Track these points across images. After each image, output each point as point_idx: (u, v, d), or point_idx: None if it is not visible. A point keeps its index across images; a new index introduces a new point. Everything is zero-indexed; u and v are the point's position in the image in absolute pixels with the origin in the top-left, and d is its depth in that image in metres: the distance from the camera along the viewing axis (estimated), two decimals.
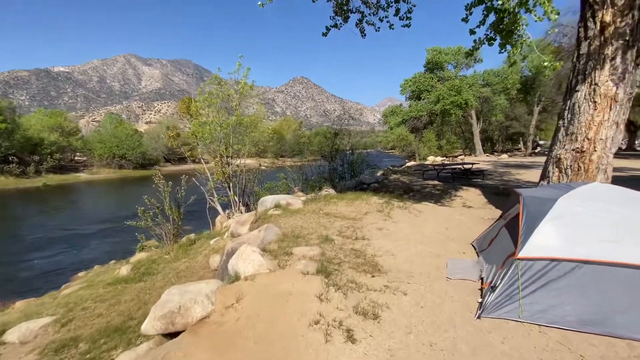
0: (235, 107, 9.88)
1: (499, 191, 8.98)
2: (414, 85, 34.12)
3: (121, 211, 16.06)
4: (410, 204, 7.40)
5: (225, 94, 9.96)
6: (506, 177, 12.82)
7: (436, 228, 5.42)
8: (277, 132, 73.97)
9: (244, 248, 3.37)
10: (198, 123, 9.92)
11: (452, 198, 8.79)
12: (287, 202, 7.51)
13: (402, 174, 14.92)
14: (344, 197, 8.11)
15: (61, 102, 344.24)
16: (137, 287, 4.65)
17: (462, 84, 29.76)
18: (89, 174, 40.86)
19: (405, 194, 9.91)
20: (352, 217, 6.04)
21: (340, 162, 16.92)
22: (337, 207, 7.04)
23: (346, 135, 17.41)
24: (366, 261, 3.76)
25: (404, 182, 12.08)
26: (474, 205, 7.81)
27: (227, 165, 10.25)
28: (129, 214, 13.67)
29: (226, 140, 10.22)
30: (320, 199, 8.07)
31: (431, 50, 32.99)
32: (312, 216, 6.12)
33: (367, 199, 7.77)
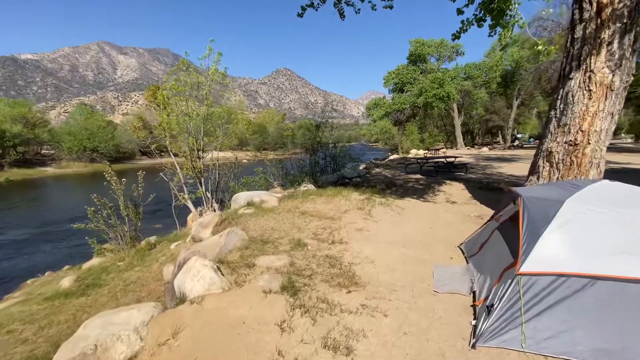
0: (205, 96, 9.07)
1: (483, 185, 8.69)
2: (397, 77, 33.84)
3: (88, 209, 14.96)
4: (393, 200, 6.95)
5: (194, 81, 9.13)
6: (488, 170, 12.66)
7: (420, 227, 4.98)
8: (259, 124, 72.51)
9: (193, 262, 2.76)
10: (166, 113, 9.07)
11: (435, 193, 8.42)
12: (261, 199, 6.90)
13: (384, 167, 14.54)
14: (323, 193, 7.57)
15: (30, 91, 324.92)
16: (77, 303, 3.96)
17: (444, 77, 29.69)
18: (57, 169, 38.44)
19: (388, 189, 9.49)
20: (330, 216, 5.51)
21: (323, 156, 16.39)
22: (316, 204, 6.49)
23: (329, 127, 16.84)
24: (342, 271, 3.24)
25: (386, 176, 11.68)
26: (458, 201, 7.46)
27: (197, 159, 9.46)
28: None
29: (196, 132, 9.42)
30: (298, 196, 7.50)
31: (414, 42, 32.71)
32: (287, 216, 5.55)
33: (347, 195, 7.26)
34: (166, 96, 9.18)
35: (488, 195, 7.80)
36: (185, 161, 9.33)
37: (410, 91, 32.21)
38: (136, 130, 9.35)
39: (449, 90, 28.96)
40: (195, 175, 9.28)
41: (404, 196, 8.16)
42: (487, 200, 7.21)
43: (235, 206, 8.03)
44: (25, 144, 36.61)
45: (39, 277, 6.59)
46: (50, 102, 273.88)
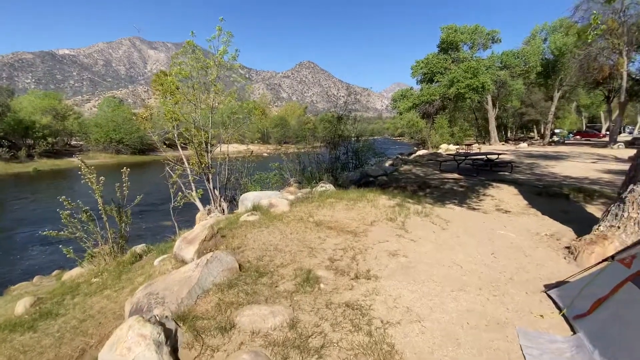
0: (212, 82, 8.02)
1: (541, 190, 7.09)
2: (426, 67, 31.60)
3: (105, 200, 14.57)
4: (431, 208, 5.60)
5: (201, 66, 8.11)
6: (537, 169, 10.88)
7: (477, 253, 3.64)
8: (281, 117, 71.87)
9: (125, 330, 1.65)
10: (174, 101, 8.14)
11: (480, 198, 6.95)
12: (270, 202, 5.77)
13: (414, 164, 13.05)
14: (344, 195, 6.33)
15: (67, 85, 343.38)
16: (18, 342, 3.02)
17: (479, 66, 27.25)
18: (84, 159, 39.52)
19: (421, 191, 8.10)
20: (353, 230, 4.28)
21: (344, 150, 15.08)
22: (334, 211, 5.27)
23: (351, 120, 15.49)
24: (372, 341, 2.02)
25: (417, 175, 10.24)
26: (512, 210, 5.98)
27: (205, 152, 8.49)
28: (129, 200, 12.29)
29: (204, 123, 8.44)
30: (314, 198, 6.31)
31: (446, 29, 30.32)
32: (297, 227, 4.38)
33: (373, 199, 5.98)
34: (172, 82, 8.21)
35: (550, 203, 6.26)
36: (191, 155, 8.39)
37: (441, 81, 29.97)
38: (142, 121, 8.42)
39: (483, 81, 26.58)
40: (201, 170, 8.32)
41: (443, 201, 6.75)
42: (550, 211, 5.70)
43: (242, 208, 6.98)
44: (55, 135, 37.76)
45: (19, 285, 5.85)
46: (85, 95, 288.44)
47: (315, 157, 12.76)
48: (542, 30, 31.44)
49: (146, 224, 10.97)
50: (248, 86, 8.97)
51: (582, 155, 15.97)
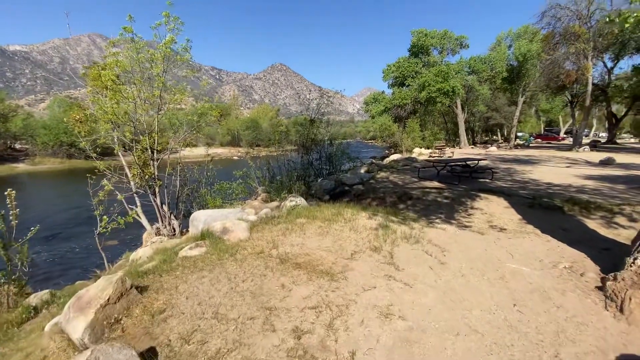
0: (157, 77, 6.68)
1: (533, 202, 6.46)
2: (397, 70, 31.59)
3: (57, 211, 12.36)
4: (420, 229, 4.69)
5: (144, 57, 6.76)
6: (516, 176, 10.49)
7: (495, 305, 2.72)
8: (252, 119, 69.79)
9: None
10: (111, 100, 6.69)
11: (469, 212, 6.19)
12: (223, 226, 4.58)
13: (390, 170, 12.29)
14: (317, 213, 5.28)
15: (18, 84, 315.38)
16: None
17: (449, 70, 27.49)
18: (29, 165, 35.47)
19: (402, 203, 7.24)
20: (328, 269, 3.23)
21: (317, 155, 14.09)
22: (305, 237, 4.21)
23: (324, 123, 14.55)
24: None
25: (395, 183, 9.43)
26: (507, 227, 5.24)
27: (151, 160, 7.11)
28: (62, 216, 10.04)
29: (149, 125, 7.07)
30: (282, 218, 5.20)
31: (417, 33, 30.44)
32: (255, 267, 3.27)
33: (352, 218, 4.99)
34: (107, 77, 6.78)
35: (546, 218, 5.60)
36: (132, 165, 6.98)
37: (412, 85, 30.02)
38: (76, 123, 6.90)
39: (454, 85, 26.84)
40: (144, 182, 6.93)
41: (428, 217, 5.90)
42: (550, 229, 5.01)
43: (192, 230, 5.71)
44: None
45: None
46: (39, 94, 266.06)
47: (287, 164, 11.63)
48: (507, 37, 32.44)
49: (78, 249, 9.22)
50: (203, 82, 7.69)
51: (552, 159, 16.10)
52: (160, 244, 5.52)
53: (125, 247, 8.94)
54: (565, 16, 21.23)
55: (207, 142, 66.76)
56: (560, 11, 21.62)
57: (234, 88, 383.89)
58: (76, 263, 8.08)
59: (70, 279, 6.10)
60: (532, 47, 27.30)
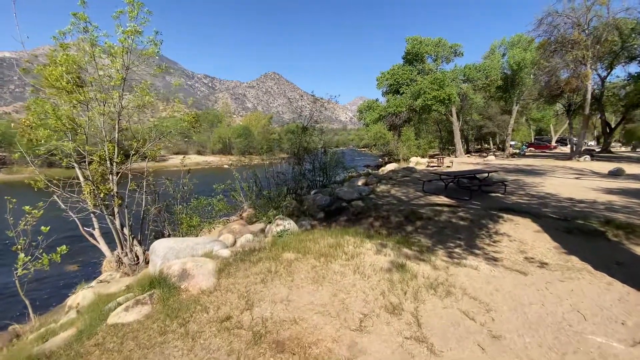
0: (118, 75, 5.50)
1: (570, 227, 5.41)
2: (392, 78, 30.96)
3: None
4: (443, 267, 3.58)
5: (101, 50, 5.60)
6: (529, 189, 9.50)
7: None
8: (244, 127, 68.51)
9: None
10: (73, 100, 5.48)
11: (494, 238, 5.10)
12: (183, 268, 3.38)
13: (390, 182, 11.22)
14: (310, 243, 4.13)
15: (6, 90, 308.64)
16: None
17: (444, 78, 26.90)
18: (6, 174, 33.56)
19: (410, 224, 6.13)
20: (327, 355, 2.08)
21: (310, 164, 12.98)
22: (293, 287, 3.04)
23: (318, 131, 13.51)
24: None
25: (399, 198, 8.32)
26: (548, 261, 4.16)
27: (110, 174, 5.87)
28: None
29: (107, 133, 5.86)
30: (264, 252, 4.02)
31: (411, 40, 29.93)
32: (212, 351, 2.10)
33: (355, 252, 3.84)
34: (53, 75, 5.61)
35: (589, 247, 4.55)
36: (85, 184, 5.72)
37: (406, 93, 29.36)
38: (25, 131, 5.65)
39: (449, 92, 26.21)
40: (98, 202, 5.69)
41: (446, 244, 4.79)
42: (603, 264, 3.96)
43: (151, 269, 4.48)
44: None
45: None
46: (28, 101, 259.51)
47: (276, 176, 10.46)
48: (501, 46, 32.17)
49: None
50: (175, 82, 6.54)
51: (556, 170, 15.28)
52: (104, 286, 4.26)
53: (84, 275, 7.59)
54: (563, 24, 20.85)
55: (198, 150, 65.16)
56: (557, 19, 21.23)
57: (227, 96, 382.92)
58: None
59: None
60: (526, 55, 26.98)
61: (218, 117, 75.93)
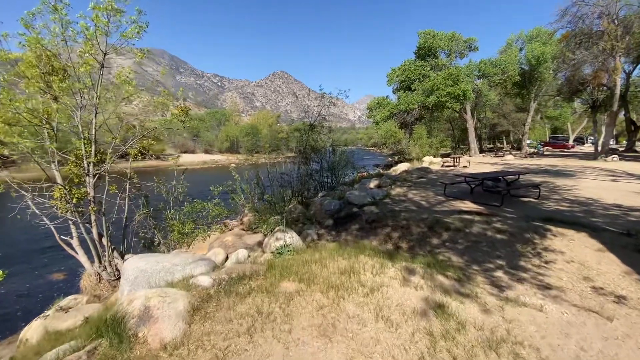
0: (88, 60, 4.66)
1: None
2: (403, 74, 29.76)
3: None
4: (496, 306, 2.64)
5: (74, 32, 4.77)
6: (565, 193, 8.39)
7: None
8: (252, 126, 68.01)
9: None
10: (32, 91, 4.69)
11: (543, 258, 4.10)
12: (146, 306, 2.50)
13: (405, 184, 10.22)
14: (315, 267, 3.22)
15: None
16: None
17: (459, 73, 25.62)
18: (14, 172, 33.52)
19: (435, 236, 5.16)
20: None
21: (318, 165, 12.06)
22: (291, 340, 2.14)
23: (326, 129, 12.58)
24: None
25: (418, 203, 7.34)
26: (629, 295, 3.17)
27: (86, 175, 5.07)
28: None
29: (83, 129, 5.05)
30: (255, 279, 3.13)
31: (424, 34, 28.68)
32: None
33: (376, 281, 2.93)
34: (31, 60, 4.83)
35: None
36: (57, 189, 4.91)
37: (418, 89, 28.16)
38: None
39: (464, 88, 24.94)
40: (70, 210, 4.88)
41: (483, 265, 3.82)
42: None
43: (119, 298, 3.62)
44: None
45: None
46: None
47: (279, 178, 9.57)
48: (518, 40, 30.69)
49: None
50: (162, 70, 5.68)
51: (585, 171, 14.01)
52: (60, 317, 3.42)
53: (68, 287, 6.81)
54: (590, 14, 19.43)
55: (206, 149, 64.83)
56: (583, 8, 19.82)
57: (236, 95, 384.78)
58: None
59: None
60: (546, 49, 25.54)
61: (226, 116, 75.70)
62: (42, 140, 4.80)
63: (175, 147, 60.36)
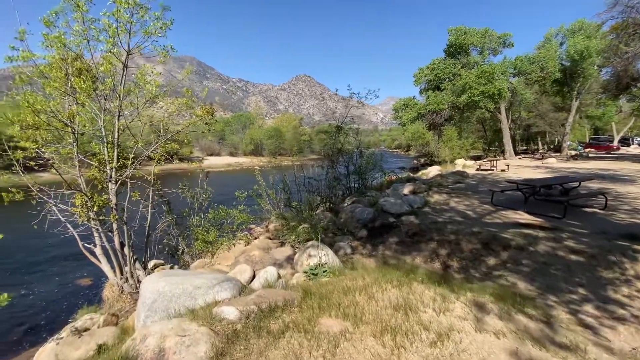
0: (108, 59, 4.36)
1: None
2: (431, 73, 28.55)
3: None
4: None
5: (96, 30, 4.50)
6: (631, 201, 7.26)
7: None
8: (275, 128, 68.54)
9: None
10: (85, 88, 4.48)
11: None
12: (159, 347, 2.04)
13: (443, 190, 9.39)
14: (362, 300, 2.65)
15: None
16: None
17: (493, 71, 24.09)
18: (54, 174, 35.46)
19: (492, 255, 4.42)
20: None
21: (345, 169, 11.46)
22: None
23: (353, 130, 12.01)
24: None
25: (464, 213, 6.55)
26: None
27: (108, 182, 4.79)
28: None
29: (107, 132, 4.78)
30: (290, 316, 2.60)
31: (454, 31, 27.40)
32: None
33: (441, 323, 2.32)
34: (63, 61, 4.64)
35: None
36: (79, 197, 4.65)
37: (448, 89, 26.87)
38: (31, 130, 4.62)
39: (500, 87, 23.41)
40: (91, 218, 4.59)
41: (563, 297, 3.07)
42: None
43: (137, 321, 3.21)
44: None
45: None
46: None
47: (307, 183, 9.07)
48: (558, 34, 28.64)
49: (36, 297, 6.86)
50: (186, 70, 5.33)
51: None
52: (72, 343, 3.05)
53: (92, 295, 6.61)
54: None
55: (231, 152, 66.03)
56: None
57: (260, 99, 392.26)
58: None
59: None
60: (590, 43, 23.56)
61: (250, 119, 76.90)
62: (65, 144, 4.57)
63: (201, 149, 61.84)
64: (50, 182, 4.74)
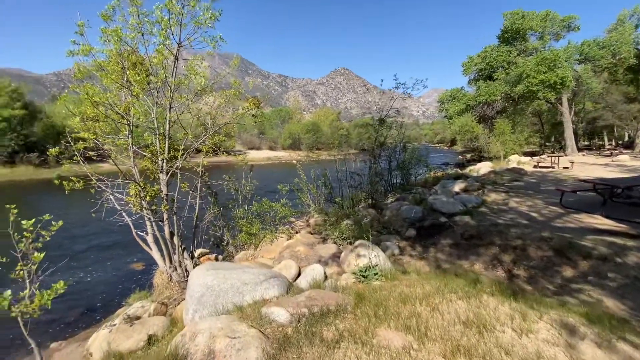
0: (159, 51, 4.41)
1: None
2: (483, 62, 26.50)
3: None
4: None
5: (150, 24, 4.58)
6: None
7: None
8: (313, 123, 68.79)
9: None
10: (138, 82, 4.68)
11: None
12: (209, 349, 1.94)
13: (499, 188, 8.57)
14: (424, 311, 2.35)
15: None
16: None
17: (556, 57, 21.62)
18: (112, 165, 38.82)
19: (569, 265, 3.85)
20: None
21: (387, 164, 10.97)
22: None
23: (396, 124, 11.47)
24: None
25: (528, 215, 5.85)
26: None
27: (160, 173, 4.92)
28: None
29: (159, 124, 4.89)
30: (343, 323, 2.38)
31: (511, 15, 25.11)
32: None
33: (525, 346, 1.94)
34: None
35: None
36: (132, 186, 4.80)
37: (501, 78, 24.74)
38: (93, 124, 4.92)
39: (563, 75, 20.99)
40: (144, 208, 4.73)
41: None
42: None
43: (185, 314, 3.19)
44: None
45: None
46: None
47: (349, 177, 8.79)
48: (633, 15, 25.05)
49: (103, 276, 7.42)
50: (233, 61, 5.27)
51: None
52: (125, 331, 3.11)
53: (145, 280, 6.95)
54: None
55: (270, 146, 67.63)
56: None
57: (298, 94, 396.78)
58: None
59: None
60: None
61: (289, 114, 77.89)
62: (121, 136, 4.75)
63: (243, 143, 63.96)
64: (108, 172, 4.97)
